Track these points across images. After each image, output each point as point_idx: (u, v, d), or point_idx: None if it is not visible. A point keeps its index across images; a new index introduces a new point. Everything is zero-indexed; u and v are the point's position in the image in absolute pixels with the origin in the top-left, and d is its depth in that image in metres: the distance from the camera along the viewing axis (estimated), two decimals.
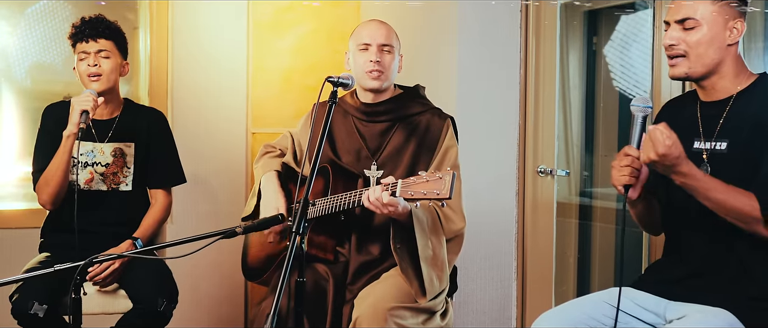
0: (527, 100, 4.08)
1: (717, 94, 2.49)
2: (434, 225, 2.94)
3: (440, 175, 2.54)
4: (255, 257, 3.24)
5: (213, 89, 4.55)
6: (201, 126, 4.52)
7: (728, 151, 2.42)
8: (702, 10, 2.42)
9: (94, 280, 3.25)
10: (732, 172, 2.39)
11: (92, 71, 3.31)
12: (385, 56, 3.05)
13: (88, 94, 3.22)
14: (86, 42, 3.32)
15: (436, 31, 4.14)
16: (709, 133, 2.48)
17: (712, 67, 2.45)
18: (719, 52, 2.43)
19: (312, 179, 2.45)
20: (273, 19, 4.70)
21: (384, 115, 3.12)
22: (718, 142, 2.45)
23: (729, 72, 2.46)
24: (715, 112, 2.49)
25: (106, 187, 3.42)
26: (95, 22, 3.35)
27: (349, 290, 3.00)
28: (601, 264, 5.02)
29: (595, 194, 5.09)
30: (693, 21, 2.42)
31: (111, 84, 3.37)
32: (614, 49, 5.02)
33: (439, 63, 4.09)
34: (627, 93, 4.94)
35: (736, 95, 2.45)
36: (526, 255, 4.13)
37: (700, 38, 2.42)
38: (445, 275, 2.97)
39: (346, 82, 2.76)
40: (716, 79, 2.47)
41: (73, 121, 3.18)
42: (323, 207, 2.94)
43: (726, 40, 2.43)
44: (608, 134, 5.02)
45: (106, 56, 3.33)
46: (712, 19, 2.42)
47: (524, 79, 4.08)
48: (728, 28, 2.43)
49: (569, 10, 4.90)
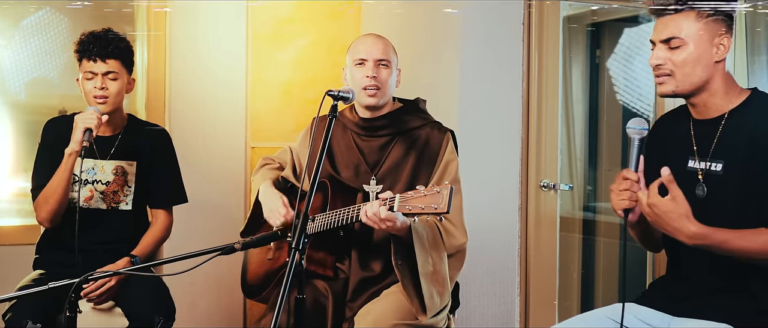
0: (530, 113, 4.07)
1: (709, 113, 2.48)
2: (435, 240, 2.93)
3: (438, 189, 2.54)
4: (254, 274, 3.23)
5: (211, 102, 4.54)
6: (199, 140, 4.50)
7: (724, 172, 2.41)
8: (687, 28, 2.40)
9: (89, 297, 3.23)
10: (728, 193, 2.39)
11: (99, 94, 3.27)
12: (382, 71, 3.04)
13: (92, 112, 3.19)
14: (94, 61, 3.27)
15: (437, 44, 4.15)
16: (704, 152, 2.47)
17: (700, 84, 2.43)
18: (707, 70, 2.42)
19: (312, 194, 2.44)
20: (272, 31, 4.69)
21: (383, 129, 3.12)
22: (714, 162, 2.44)
23: (719, 89, 2.44)
24: (708, 130, 2.47)
25: (105, 205, 3.39)
26: (104, 41, 3.29)
27: (349, 308, 2.99)
28: (605, 279, 5.01)
29: (598, 209, 5.08)
30: (678, 40, 2.41)
31: (117, 105, 3.35)
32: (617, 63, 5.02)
33: (441, 76, 4.09)
34: (630, 106, 4.94)
35: (729, 113, 2.44)
36: (529, 270, 4.11)
37: (686, 57, 2.41)
38: (446, 291, 2.95)
39: (347, 95, 2.75)
40: (707, 96, 2.46)
41: (76, 139, 3.14)
42: (322, 223, 2.93)
43: (713, 58, 2.41)
44: (612, 148, 5.02)
45: (114, 78, 3.29)
46: (697, 38, 2.40)
47: (527, 92, 4.07)
48: (715, 45, 2.41)
49: (572, 24, 4.90)
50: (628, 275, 4.90)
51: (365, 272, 3.02)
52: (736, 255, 2.32)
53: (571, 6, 4.73)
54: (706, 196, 2.43)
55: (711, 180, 2.44)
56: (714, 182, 2.43)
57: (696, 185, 2.45)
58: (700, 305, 2.45)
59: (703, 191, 2.44)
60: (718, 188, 2.42)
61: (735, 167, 2.39)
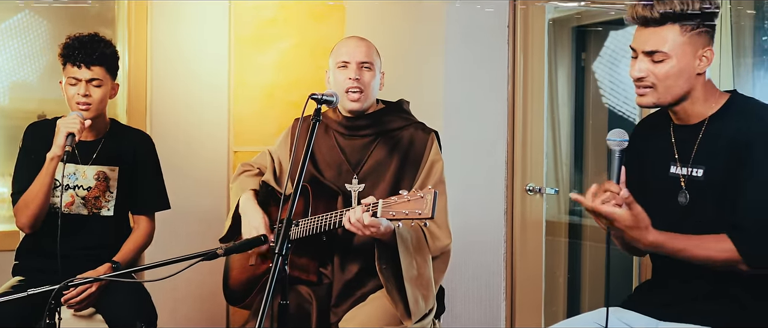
0: (515, 117, 4.08)
1: (689, 119, 2.48)
2: (419, 244, 2.94)
3: (422, 194, 2.54)
4: (236, 280, 3.22)
5: (193, 106, 4.53)
6: (181, 143, 4.49)
7: (705, 178, 2.42)
8: (671, 41, 2.38)
9: (70, 303, 3.21)
10: (710, 198, 2.40)
11: (82, 100, 3.24)
12: (365, 74, 3.05)
13: (75, 116, 3.16)
14: (78, 67, 3.24)
15: (422, 47, 4.15)
16: (685, 158, 2.47)
17: (682, 95, 2.43)
18: (689, 82, 2.41)
19: (296, 198, 2.43)
20: (255, 33, 4.69)
21: (365, 129, 3.12)
22: (694, 168, 2.44)
23: (699, 97, 2.44)
24: (688, 136, 2.48)
25: (86, 211, 3.37)
26: (89, 46, 3.25)
27: (334, 313, 2.99)
28: (592, 284, 5.02)
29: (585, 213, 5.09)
30: (662, 54, 2.39)
31: (100, 111, 3.33)
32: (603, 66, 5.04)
33: (426, 79, 4.10)
34: (616, 110, 4.96)
35: (709, 119, 2.44)
36: (514, 275, 4.12)
37: (669, 71, 2.39)
38: (431, 295, 2.96)
39: (331, 99, 2.75)
40: (688, 104, 2.46)
41: (58, 144, 3.11)
42: (305, 228, 2.93)
43: (695, 70, 2.41)
44: (598, 152, 5.04)
45: (98, 85, 3.26)
46: (681, 51, 2.38)
47: (512, 95, 4.08)
48: (698, 57, 2.40)
49: (557, 26, 4.92)
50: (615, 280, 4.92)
51: (349, 276, 3.02)
52: (695, 262, 2.34)
53: (556, 9, 4.74)
54: (688, 203, 2.44)
55: (692, 185, 2.45)
56: (695, 187, 2.44)
57: (678, 192, 2.46)
58: (685, 310, 2.46)
59: (685, 198, 2.45)
60: (699, 194, 2.43)
61: (715, 172, 2.40)
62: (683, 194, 2.45)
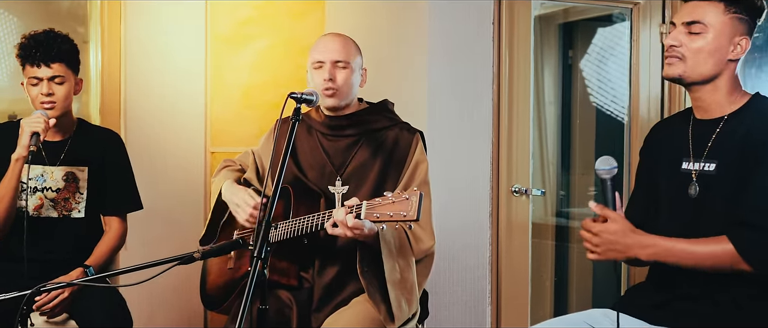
0: (501, 115, 4.10)
1: (711, 112, 2.51)
2: (402, 246, 2.94)
3: (407, 195, 2.53)
4: (214, 284, 3.22)
5: (169, 106, 4.53)
6: (156, 145, 4.49)
7: (717, 172, 2.45)
8: (712, 15, 2.45)
9: (42, 309, 3.21)
10: (720, 193, 2.43)
11: (45, 99, 3.23)
12: (339, 73, 3.04)
13: (38, 115, 3.16)
14: (37, 66, 3.22)
15: (404, 45, 4.16)
16: (699, 153, 2.51)
17: (708, 76, 2.47)
18: (718, 65, 2.46)
19: (275, 199, 2.43)
20: (232, 32, 4.69)
21: (349, 129, 3.13)
22: (707, 162, 2.48)
23: (723, 88, 2.49)
24: (705, 130, 2.52)
25: (56, 213, 3.37)
26: (46, 44, 3.24)
27: (315, 318, 2.99)
28: (579, 287, 5.05)
29: (572, 214, 5.12)
30: (701, 25, 2.45)
31: (66, 109, 3.32)
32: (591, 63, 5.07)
33: (409, 78, 4.11)
34: (604, 108, 4.99)
35: (728, 116, 2.48)
36: (500, 279, 4.14)
37: (704, 45, 2.45)
38: (414, 298, 2.97)
39: (310, 98, 2.75)
40: (710, 91, 2.50)
41: (23, 144, 3.11)
42: (285, 230, 2.93)
43: (728, 54, 2.46)
44: (585, 152, 5.07)
45: (60, 82, 3.25)
46: (719, 29, 2.45)
47: (497, 94, 4.10)
48: (733, 43, 2.46)
49: (544, 23, 4.94)
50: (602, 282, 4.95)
51: (330, 280, 3.02)
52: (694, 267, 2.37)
53: (542, 5, 4.77)
54: (698, 196, 2.47)
55: (704, 179, 2.48)
56: (706, 181, 2.47)
57: (689, 185, 2.49)
58: (679, 312, 2.48)
59: (695, 190, 2.48)
60: (709, 188, 2.46)
61: (728, 168, 2.43)
62: (693, 186, 2.48)
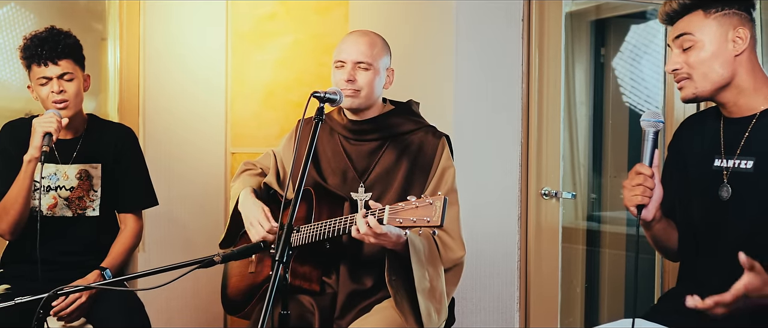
0: (530, 116, 4.08)
1: (740, 111, 2.49)
2: (432, 254, 2.93)
3: (430, 200, 2.51)
4: (235, 289, 3.23)
5: (189, 105, 4.55)
6: (176, 145, 4.51)
7: (755, 169, 2.42)
8: (695, 24, 2.44)
9: (59, 315, 3.23)
10: (757, 193, 2.39)
11: (57, 98, 3.25)
12: (361, 74, 3.01)
13: (51, 115, 3.17)
14: (45, 65, 3.24)
15: (431, 44, 4.15)
16: (732, 150, 2.48)
17: (721, 82, 2.45)
18: (726, 67, 2.44)
19: (297, 202, 2.43)
20: (254, 28, 4.70)
21: (372, 133, 3.11)
22: (743, 160, 2.45)
23: (746, 85, 2.46)
24: (738, 128, 2.48)
25: (71, 213, 3.39)
26: (51, 40, 3.26)
27: (337, 325, 2.99)
28: (611, 294, 5.02)
29: (603, 218, 5.10)
30: (689, 37, 2.44)
31: (78, 107, 3.35)
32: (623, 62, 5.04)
33: (435, 78, 4.10)
34: (637, 108, 4.96)
35: (762, 113, 2.45)
36: (529, 284, 4.13)
37: (700, 56, 2.44)
38: (443, 307, 2.96)
39: (334, 97, 2.75)
40: (734, 93, 2.47)
41: (35, 145, 3.13)
42: (308, 234, 2.93)
43: (730, 53, 2.43)
44: (617, 153, 5.04)
45: (70, 78, 3.27)
46: (709, 33, 2.43)
47: (527, 93, 4.09)
48: (730, 40, 2.44)
49: (575, 20, 4.92)
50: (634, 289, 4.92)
51: (354, 286, 3.02)
52: None
53: (574, 2, 4.76)
54: (731, 197, 2.44)
55: (738, 178, 2.45)
56: (741, 180, 2.44)
57: (720, 186, 2.46)
58: (714, 318, 2.46)
59: (727, 192, 2.45)
60: (745, 186, 2.43)
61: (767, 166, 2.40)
62: (725, 189, 2.46)
